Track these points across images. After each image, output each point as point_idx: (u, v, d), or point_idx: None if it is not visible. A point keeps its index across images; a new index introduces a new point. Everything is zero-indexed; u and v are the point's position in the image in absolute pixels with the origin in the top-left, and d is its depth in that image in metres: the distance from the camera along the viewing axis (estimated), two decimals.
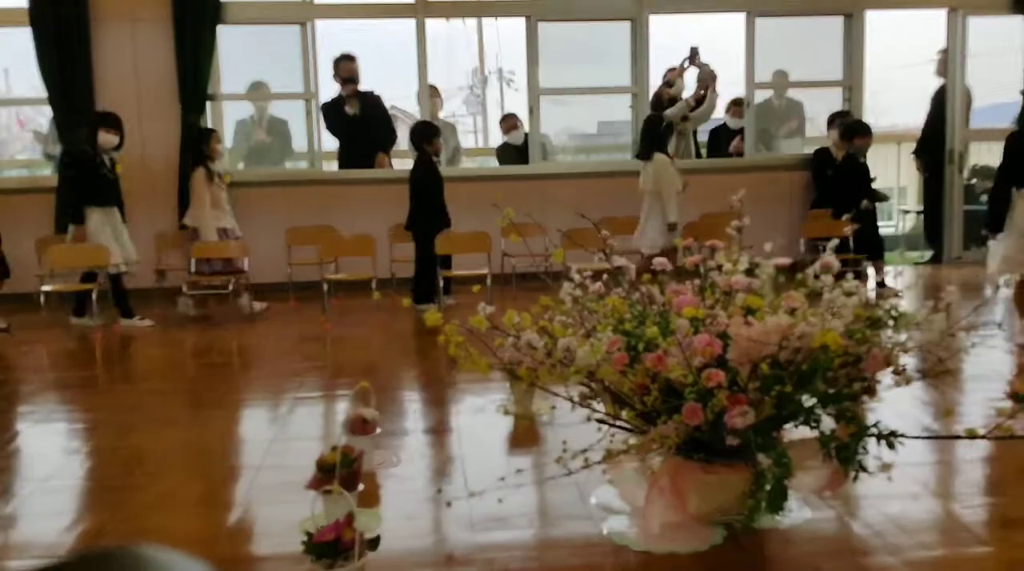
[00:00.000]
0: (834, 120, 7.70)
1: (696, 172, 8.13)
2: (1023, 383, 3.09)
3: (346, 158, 7.99)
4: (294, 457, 3.48)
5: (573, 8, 7.98)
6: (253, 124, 8.07)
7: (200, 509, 2.99)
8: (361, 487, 2.79)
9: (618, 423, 2.69)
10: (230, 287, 6.47)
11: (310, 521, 2.44)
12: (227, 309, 6.59)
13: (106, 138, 6.24)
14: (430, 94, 7.96)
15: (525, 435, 3.58)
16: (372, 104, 7.85)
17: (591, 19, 8.12)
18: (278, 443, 3.65)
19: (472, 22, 19.61)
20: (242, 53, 7.86)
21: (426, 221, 6.50)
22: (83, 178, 6.21)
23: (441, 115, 8.52)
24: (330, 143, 8.18)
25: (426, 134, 6.80)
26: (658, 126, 7.16)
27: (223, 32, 7.52)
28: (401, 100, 13.23)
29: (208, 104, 7.56)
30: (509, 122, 8.62)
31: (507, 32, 23.72)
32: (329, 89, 7.85)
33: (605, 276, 2.84)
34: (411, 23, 7.78)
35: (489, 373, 2.57)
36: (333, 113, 7.78)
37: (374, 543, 2.37)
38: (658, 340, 2.42)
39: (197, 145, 6.64)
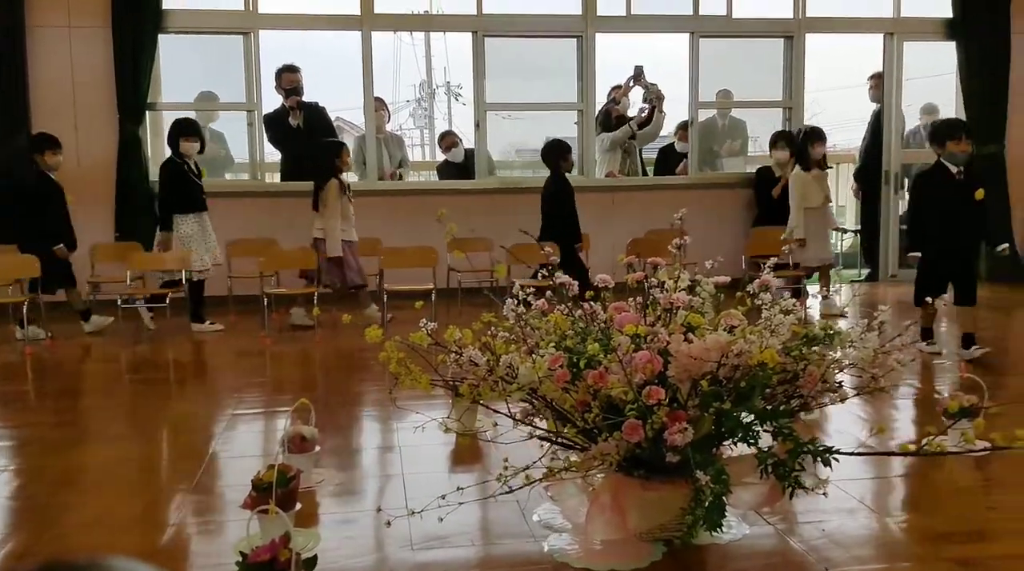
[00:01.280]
0: (776, 140, 7.83)
1: (641, 189, 8.23)
2: (954, 401, 3.18)
3: (289, 170, 7.90)
4: (231, 476, 3.41)
5: (519, 24, 8.03)
6: None
7: (133, 528, 2.91)
8: (298, 506, 2.74)
9: (560, 440, 2.68)
10: (167, 301, 6.34)
11: (245, 541, 2.39)
12: (169, 323, 6.44)
13: (188, 146, 6.47)
14: (376, 107, 7.92)
15: (467, 453, 3.55)
16: (316, 116, 7.77)
17: (538, 35, 8.17)
18: (215, 461, 3.57)
19: (420, 35, 19.61)
20: (183, 63, 7.73)
21: (558, 234, 6.67)
22: (176, 187, 6.47)
23: (388, 128, 8.47)
24: (273, 155, 8.09)
25: (561, 151, 7.17)
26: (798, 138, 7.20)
27: (164, 41, 7.39)
28: (348, 112, 13.18)
29: (147, 114, 7.43)
30: (448, 140, 8.60)
31: (455, 46, 23.74)
32: (274, 100, 7.77)
33: (549, 292, 2.85)
34: (357, 35, 7.74)
35: (430, 390, 2.55)
36: (276, 124, 7.69)
37: (311, 563, 2.33)
38: (599, 357, 2.43)
39: (331, 158, 6.64)
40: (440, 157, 8.80)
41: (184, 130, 6.50)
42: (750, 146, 9.04)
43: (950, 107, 8.80)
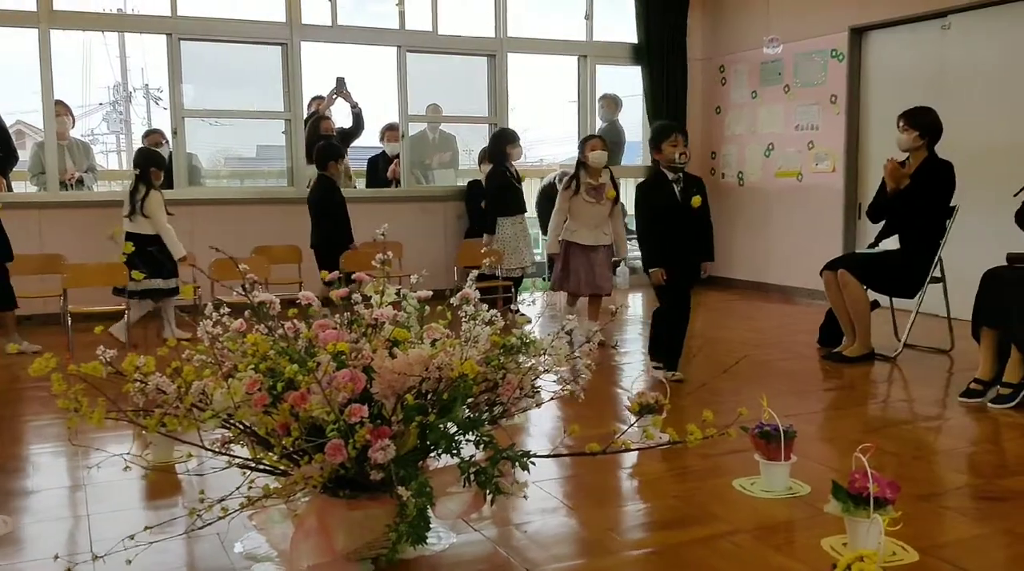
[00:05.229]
0: (485, 155, 8.09)
1: (355, 202, 8.16)
2: (639, 399, 3.44)
3: None
4: None
5: (220, 29, 7.68)
6: None
7: None
8: None
9: (262, 466, 2.57)
10: None
11: None
12: None
13: (514, 151, 7.14)
14: (57, 111, 7.23)
15: (164, 486, 3.32)
16: None
17: (239, 41, 7.85)
18: None
19: (114, 35, 18.23)
20: None
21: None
22: (499, 192, 7.13)
23: (72, 134, 7.75)
24: None
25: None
26: None
27: None
28: (29, 115, 11.94)
29: None
30: (152, 139, 8.04)
31: (153, 46, 22.26)
32: None
33: (248, 312, 2.72)
34: (34, 33, 7.03)
35: (103, 425, 2.33)
36: None
37: None
38: (299, 378, 2.35)
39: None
40: None
41: (511, 138, 7.20)
42: (467, 157, 9.30)
43: (638, 127, 9.60)
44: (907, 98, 6.23)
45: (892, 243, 5.68)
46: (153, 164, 6.48)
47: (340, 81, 8.42)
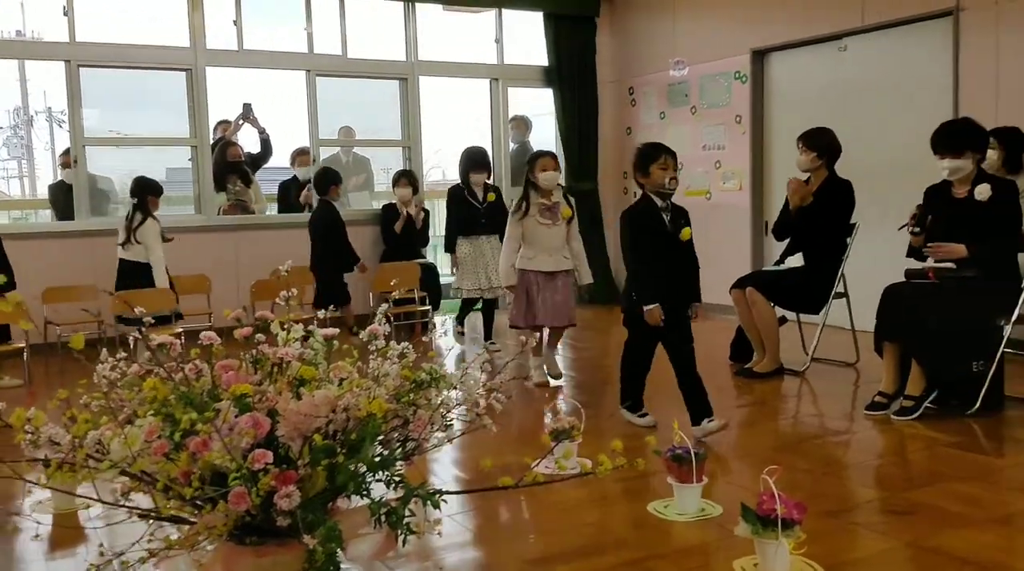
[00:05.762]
0: (399, 178, 8.04)
1: (266, 228, 8.03)
2: (554, 426, 3.44)
3: None
4: None
5: (120, 55, 7.48)
6: None
7: None
8: None
9: (163, 516, 2.48)
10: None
11: None
12: None
13: (475, 178, 6.91)
14: None
15: (65, 537, 3.17)
16: None
17: (143, 67, 7.66)
18: None
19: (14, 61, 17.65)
20: None
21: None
22: (455, 211, 6.98)
23: None
24: None
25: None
26: None
27: None
28: None
29: None
30: (66, 159, 7.76)
31: (55, 70, 21.68)
32: None
33: (148, 354, 2.62)
34: None
35: None
36: None
37: None
38: (197, 425, 2.28)
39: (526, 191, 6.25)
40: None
41: (475, 165, 6.90)
42: (385, 175, 9.22)
43: (551, 144, 9.68)
44: (808, 117, 6.42)
45: (797, 260, 5.84)
46: (150, 192, 6.57)
47: (247, 107, 8.32)
